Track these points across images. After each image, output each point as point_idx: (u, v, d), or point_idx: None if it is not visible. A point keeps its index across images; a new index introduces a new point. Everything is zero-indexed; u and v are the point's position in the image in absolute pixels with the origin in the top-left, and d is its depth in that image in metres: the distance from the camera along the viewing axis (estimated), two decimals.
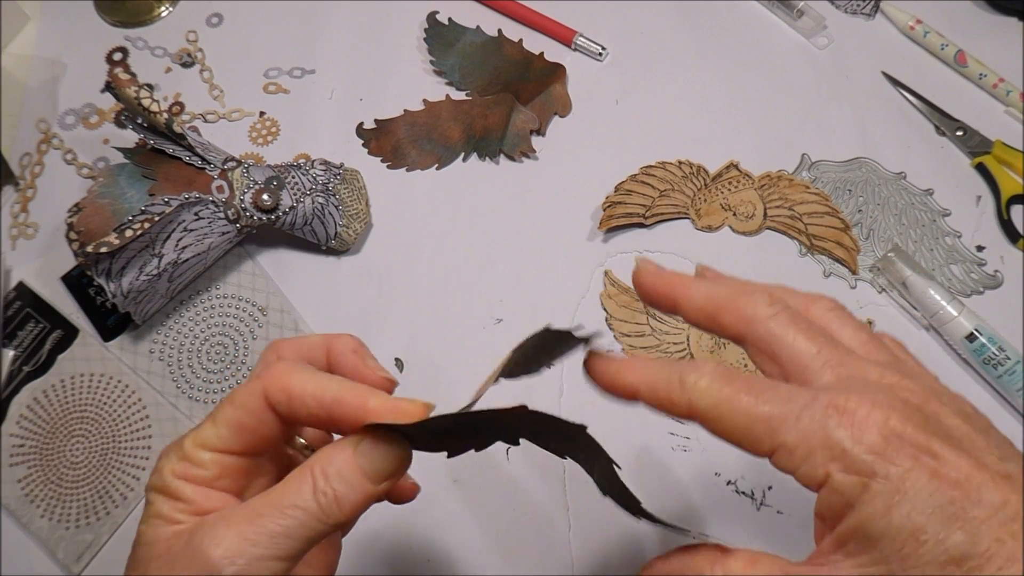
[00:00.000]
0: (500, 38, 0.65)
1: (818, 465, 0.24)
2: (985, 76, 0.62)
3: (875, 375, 0.26)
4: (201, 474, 0.28)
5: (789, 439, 0.25)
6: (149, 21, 0.67)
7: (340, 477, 0.26)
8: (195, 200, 0.52)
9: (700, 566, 0.27)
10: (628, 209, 0.58)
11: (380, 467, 0.27)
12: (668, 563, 0.29)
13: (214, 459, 0.28)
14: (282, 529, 0.26)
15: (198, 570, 0.25)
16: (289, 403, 0.27)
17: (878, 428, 0.24)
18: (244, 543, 0.25)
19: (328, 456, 0.27)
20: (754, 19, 0.66)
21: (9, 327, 0.56)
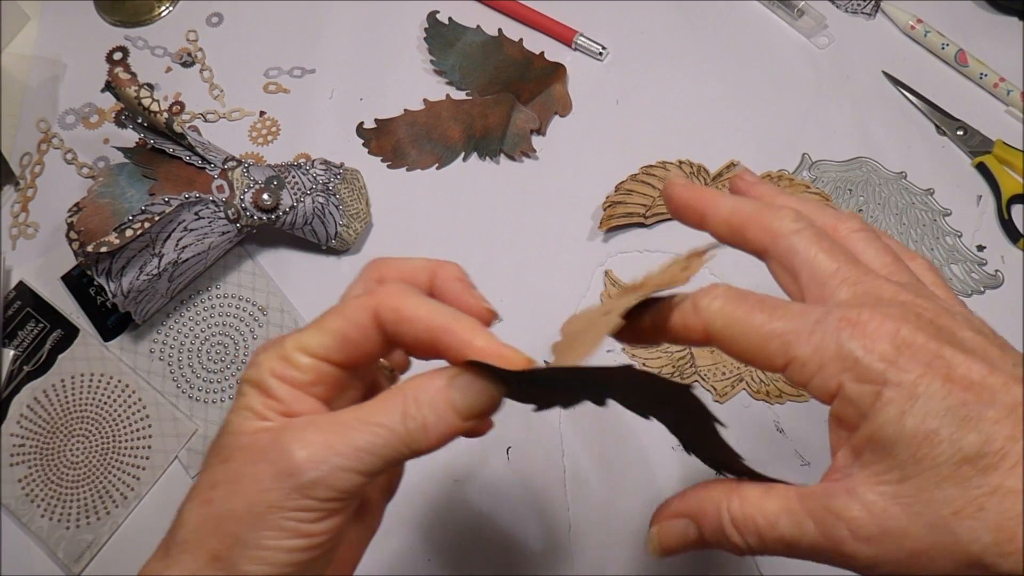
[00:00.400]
0: (500, 38, 0.65)
1: (830, 376, 0.25)
2: (986, 75, 0.62)
3: (890, 292, 0.26)
4: (297, 377, 0.28)
5: (801, 352, 0.25)
6: (149, 21, 0.67)
7: (431, 406, 0.27)
8: (195, 200, 0.52)
9: (716, 498, 0.27)
10: (628, 209, 0.58)
11: (471, 404, 0.27)
12: (684, 500, 0.29)
13: (312, 364, 0.28)
14: (367, 445, 0.26)
15: (281, 468, 0.26)
16: (398, 324, 0.27)
17: (889, 338, 0.24)
18: (329, 451, 0.26)
19: (421, 384, 0.27)
20: (754, 19, 0.66)
21: (9, 327, 0.56)
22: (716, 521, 0.27)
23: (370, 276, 0.31)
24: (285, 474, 0.26)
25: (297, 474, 0.26)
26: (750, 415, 0.52)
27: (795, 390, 0.52)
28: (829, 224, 0.30)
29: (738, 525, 0.27)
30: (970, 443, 0.23)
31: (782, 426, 0.51)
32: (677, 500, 0.29)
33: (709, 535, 0.28)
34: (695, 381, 0.53)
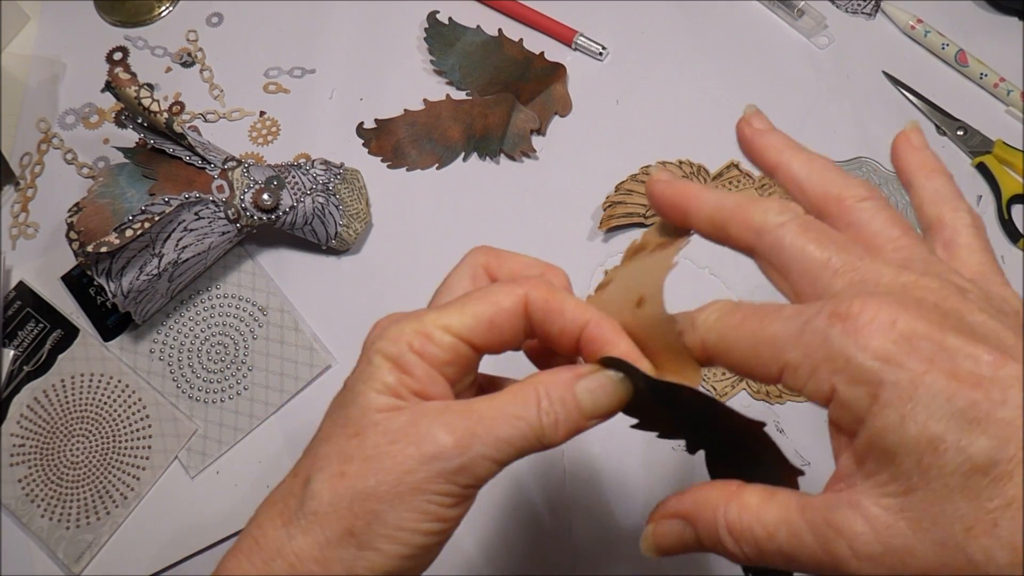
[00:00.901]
0: (500, 38, 0.65)
1: (823, 380, 0.22)
2: (986, 76, 0.62)
3: (889, 276, 0.24)
4: (437, 354, 0.27)
5: (792, 357, 0.23)
6: (149, 21, 0.67)
7: (562, 403, 0.27)
8: (195, 200, 0.52)
9: (714, 502, 0.26)
10: (628, 209, 0.58)
11: (598, 405, 0.28)
12: (682, 501, 0.27)
13: (453, 344, 0.28)
14: (506, 436, 0.27)
15: (427, 451, 0.26)
16: (547, 314, 0.28)
17: (884, 330, 0.22)
18: (473, 439, 0.26)
19: (553, 380, 0.27)
20: (754, 19, 0.66)
21: (9, 327, 0.56)
22: (712, 527, 0.26)
23: (476, 262, 0.31)
24: (431, 457, 0.26)
25: (444, 458, 0.26)
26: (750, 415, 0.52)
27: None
28: (833, 194, 0.27)
29: (735, 533, 0.25)
30: (980, 450, 0.20)
31: (782, 426, 0.51)
32: (674, 500, 0.28)
33: (705, 540, 0.27)
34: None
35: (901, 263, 0.24)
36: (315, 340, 0.55)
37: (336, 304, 0.56)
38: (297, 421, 0.53)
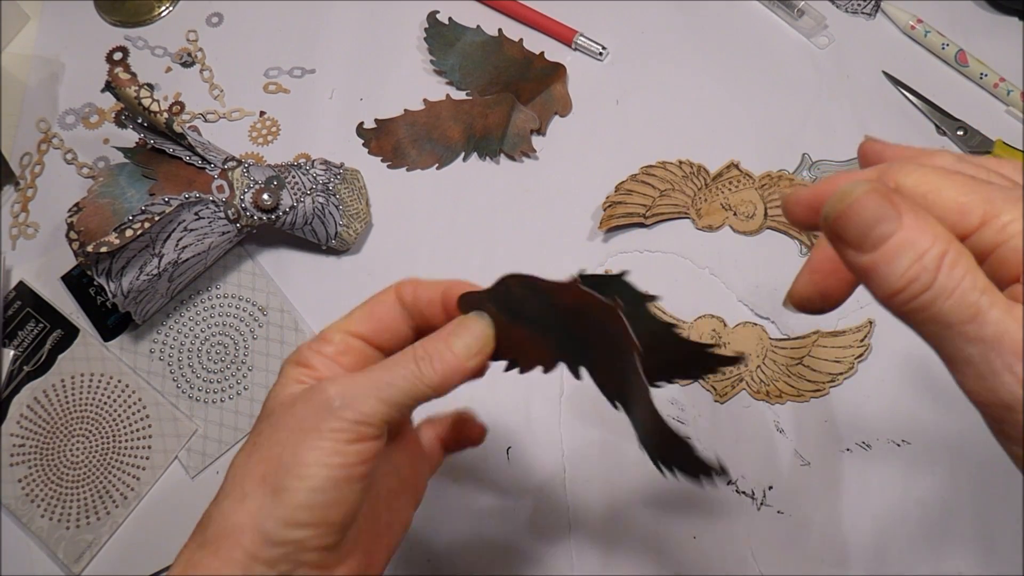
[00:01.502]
0: (500, 38, 0.65)
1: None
2: (986, 76, 0.62)
3: None
4: (328, 349, 0.34)
5: (1010, 213, 0.23)
6: (149, 21, 0.67)
7: (435, 349, 0.33)
8: (195, 200, 0.52)
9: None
10: (628, 209, 0.58)
11: (468, 343, 0.33)
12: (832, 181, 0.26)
13: (342, 338, 0.34)
14: (388, 379, 0.32)
15: (317, 402, 0.32)
16: (415, 293, 0.35)
17: None
18: (355, 386, 0.32)
19: (427, 338, 0.34)
20: (754, 19, 0.66)
21: (9, 327, 0.56)
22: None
23: (390, 290, 0.37)
24: (319, 405, 0.31)
25: (329, 403, 0.31)
26: (750, 415, 0.52)
27: (795, 390, 0.52)
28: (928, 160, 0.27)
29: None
30: None
31: (782, 426, 0.51)
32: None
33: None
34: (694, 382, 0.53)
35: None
36: None
37: (336, 304, 0.56)
38: None
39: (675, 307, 0.55)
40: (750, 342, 0.54)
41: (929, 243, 0.23)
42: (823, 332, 0.54)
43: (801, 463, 0.50)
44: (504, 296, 0.34)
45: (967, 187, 0.24)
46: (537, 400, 0.53)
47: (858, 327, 0.54)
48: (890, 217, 0.23)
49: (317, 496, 0.31)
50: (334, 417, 0.31)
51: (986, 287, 0.23)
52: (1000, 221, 0.23)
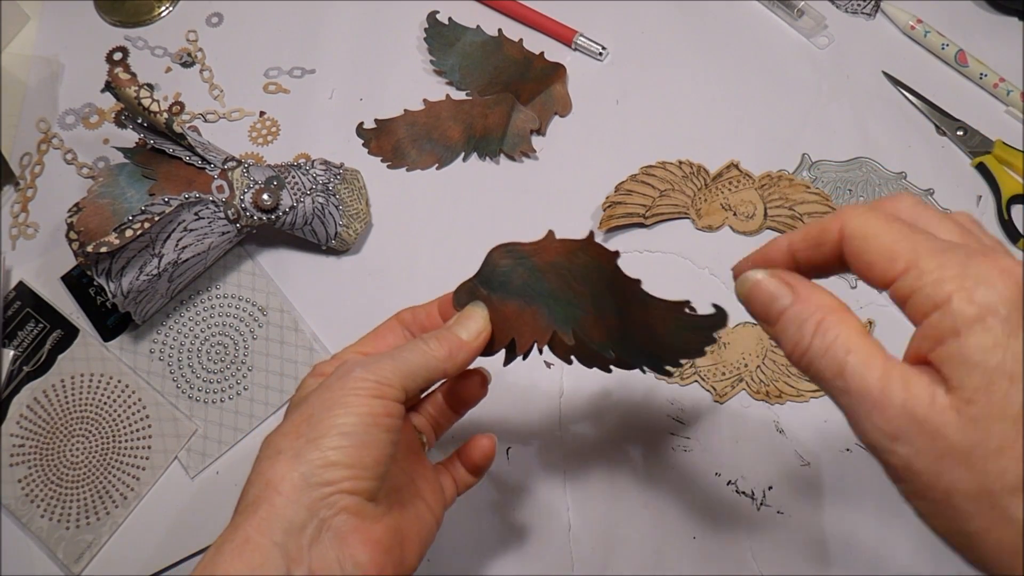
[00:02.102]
0: (500, 38, 0.65)
1: (943, 289, 0.25)
2: (986, 76, 0.62)
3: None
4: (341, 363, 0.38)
5: (927, 263, 0.26)
6: (149, 21, 0.67)
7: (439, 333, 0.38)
8: (195, 200, 0.52)
9: (821, 301, 0.29)
10: (628, 209, 0.58)
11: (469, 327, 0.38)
12: (790, 276, 0.30)
13: (353, 356, 0.39)
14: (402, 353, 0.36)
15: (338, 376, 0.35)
16: (414, 313, 0.41)
17: (1015, 279, 0.25)
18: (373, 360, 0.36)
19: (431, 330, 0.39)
20: (754, 19, 0.66)
21: (9, 327, 0.56)
22: (805, 317, 0.28)
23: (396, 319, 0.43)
24: (343, 374, 0.35)
25: (351, 370, 0.35)
26: (750, 415, 0.52)
27: (795, 390, 0.52)
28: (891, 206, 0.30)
29: (822, 335, 0.28)
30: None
31: (782, 426, 0.51)
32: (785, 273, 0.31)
33: (791, 318, 0.29)
34: (695, 381, 0.53)
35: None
36: (315, 340, 0.55)
37: (336, 304, 0.57)
38: None
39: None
40: (750, 342, 0.54)
41: (811, 313, 0.28)
42: None
43: (801, 463, 0.50)
44: (491, 273, 0.38)
45: (900, 235, 0.27)
46: (537, 400, 0.53)
47: None
48: (783, 295, 0.29)
49: (348, 438, 0.33)
50: (358, 378, 0.35)
51: (854, 347, 0.27)
52: (919, 270, 0.26)
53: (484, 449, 0.42)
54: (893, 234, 0.27)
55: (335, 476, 0.33)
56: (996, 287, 0.25)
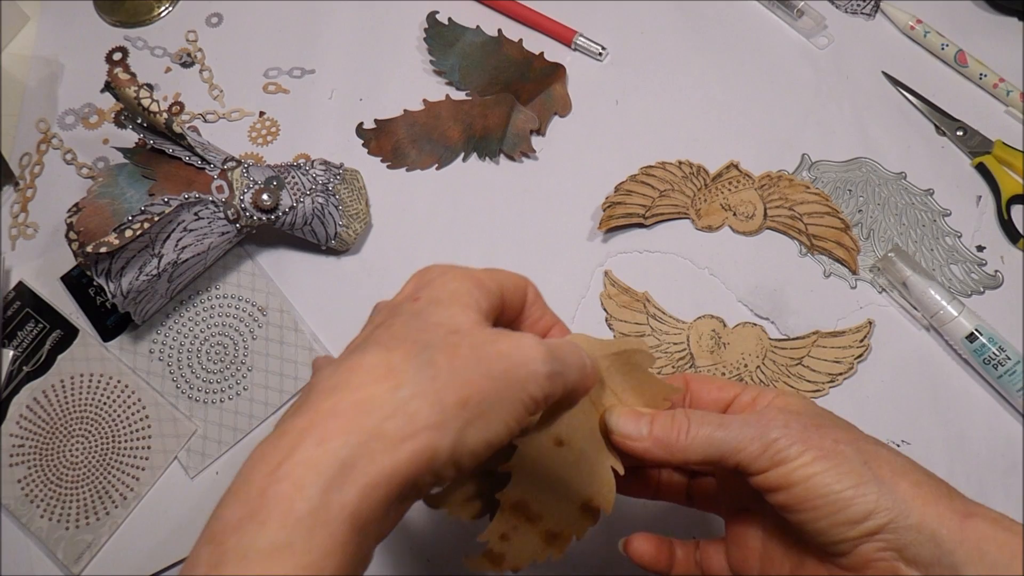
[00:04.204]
0: (500, 38, 0.65)
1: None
2: (985, 76, 0.62)
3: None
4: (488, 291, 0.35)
5: (747, 394, 0.38)
6: (149, 21, 0.67)
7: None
8: (195, 200, 0.52)
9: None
10: (628, 209, 0.58)
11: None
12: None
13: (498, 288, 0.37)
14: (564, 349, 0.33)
15: (519, 357, 0.30)
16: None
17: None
18: (559, 348, 0.33)
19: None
20: (754, 19, 0.66)
21: (9, 327, 0.56)
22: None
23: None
24: (523, 363, 0.30)
25: (534, 368, 0.30)
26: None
27: (795, 390, 0.52)
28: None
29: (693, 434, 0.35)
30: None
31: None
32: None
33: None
34: None
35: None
36: (315, 340, 0.55)
37: (336, 304, 0.56)
38: None
39: (675, 307, 0.55)
40: (750, 342, 0.54)
41: (646, 419, 0.35)
42: (823, 332, 0.54)
43: None
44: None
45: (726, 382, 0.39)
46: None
47: (857, 327, 0.54)
48: (642, 416, 0.36)
49: (490, 449, 0.29)
50: (535, 384, 0.30)
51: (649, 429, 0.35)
52: (741, 398, 0.38)
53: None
54: (721, 380, 0.40)
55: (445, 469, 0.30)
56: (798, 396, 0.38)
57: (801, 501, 0.33)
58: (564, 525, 0.36)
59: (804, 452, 0.33)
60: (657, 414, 0.35)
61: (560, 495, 0.36)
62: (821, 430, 0.34)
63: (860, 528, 0.32)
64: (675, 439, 0.34)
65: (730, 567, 0.39)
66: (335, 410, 0.27)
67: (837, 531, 0.32)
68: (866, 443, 0.34)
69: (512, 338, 0.30)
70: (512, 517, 0.36)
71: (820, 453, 0.33)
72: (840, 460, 0.33)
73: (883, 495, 0.32)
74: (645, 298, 0.55)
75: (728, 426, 0.34)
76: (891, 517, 0.32)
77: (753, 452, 0.33)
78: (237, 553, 0.24)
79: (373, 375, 0.28)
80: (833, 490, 0.32)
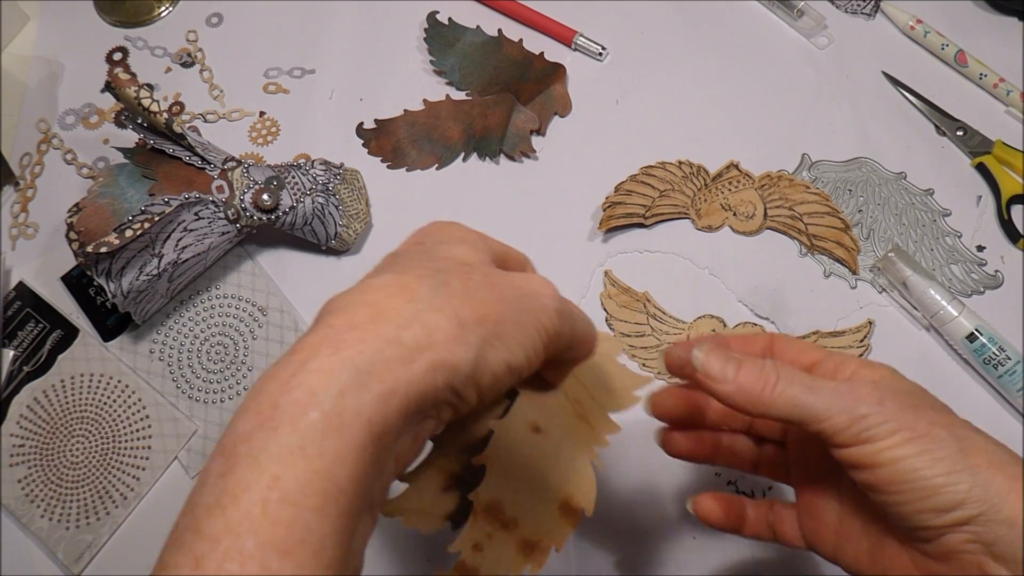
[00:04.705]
0: (500, 38, 0.65)
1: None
2: (985, 76, 0.62)
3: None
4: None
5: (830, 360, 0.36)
6: (149, 21, 0.67)
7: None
8: (195, 200, 0.52)
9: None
10: (628, 209, 0.58)
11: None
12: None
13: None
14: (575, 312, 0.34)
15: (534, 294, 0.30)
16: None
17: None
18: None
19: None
20: (754, 19, 0.66)
21: (9, 327, 0.56)
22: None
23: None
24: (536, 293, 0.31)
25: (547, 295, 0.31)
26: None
27: None
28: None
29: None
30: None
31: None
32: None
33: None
34: None
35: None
36: None
37: None
38: None
39: (675, 307, 0.55)
40: None
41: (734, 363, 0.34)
42: (823, 332, 0.54)
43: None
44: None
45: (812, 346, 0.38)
46: None
47: (858, 327, 0.54)
48: (731, 358, 0.34)
49: (512, 374, 0.29)
50: (544, 316, 0.30)
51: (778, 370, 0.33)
52: (824, 364, 0.36)
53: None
54: (807, 343, 0.39)
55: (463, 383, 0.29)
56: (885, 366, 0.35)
57: (887, 483, 0.31)
58: (542, 532, 0.34)
59: (895, 432, 0.31)
60: (746, 360, 0.33)
61: (537, 493, 0.34)
62: (917, 410, 0.32)
63: (948, 517, 0.30)
64: (760, 391, 0.32)
65: (803, 537, 0.37)
66: (351, 323, 0.27)
67: (923, 517, 0.31)
68: (963, 428, 0.32)
69: (522, 275, 0.31)
70: (486, 523, 0.34)
71: (912, 435, 0.31)
72: (934, 444, 0.31)
73: (976, 485, 0.30)
74: (645, 298, 0.55)
75: (818, 391, 0.32)
76: (982, 509, 0.30)
77: (839, 424, 0.31)
78: (248, 459, 0.24)
79: (387, 291, 0.27)
80: (923, 476, 0.30)
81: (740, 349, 0.37)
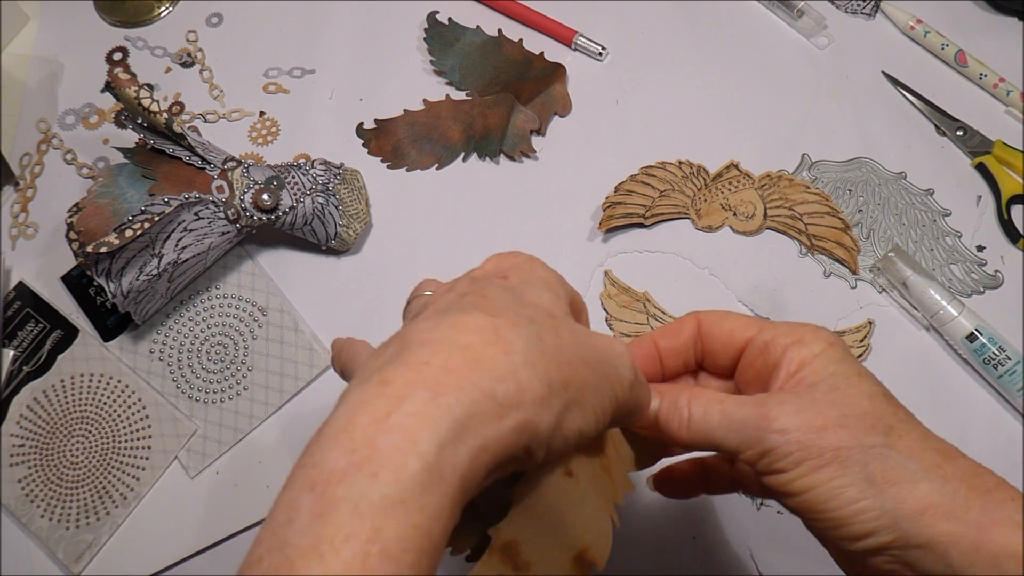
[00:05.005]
0: (500, 38, 0.65)
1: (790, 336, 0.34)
2: (985, 76, 0.62)
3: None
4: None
5: (766, 332, 0.35)
6: (149, 21, 0.67)
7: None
8: (195, 200, 0.52)
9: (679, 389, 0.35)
10: (628, 209, 0.58)
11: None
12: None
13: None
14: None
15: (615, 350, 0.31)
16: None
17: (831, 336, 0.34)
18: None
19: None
20: (754, 19, 0.66)
21: (9, 327, 0.56)
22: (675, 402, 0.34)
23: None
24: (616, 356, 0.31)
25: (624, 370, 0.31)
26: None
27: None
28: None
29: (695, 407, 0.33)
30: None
31: None
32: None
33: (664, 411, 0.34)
34: None
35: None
36: (315, 340, 0.55)
37: (336, 304, 0.56)
38: (297, 422, 0.53)
39: (675, 307, 0.55)
40: None
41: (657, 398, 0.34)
42: None
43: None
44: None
45: (744, 317, 0.37)
46: None
47: (858, 327, 0.54)
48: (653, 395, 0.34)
49: (582, 437, 0.28)
50: (622, 388, 0.30)
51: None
52: (757, 339, 0.35)
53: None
54: (739, 316, 0.36)
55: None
56: (821, 334, 0.33)
57: (805, 511, 0.31)
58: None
59: (801, 463, 0.31)
60: (666, 394, 0.33)
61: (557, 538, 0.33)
62: (825, 431, 0.31)
63: (863, 544, 0.30)
64: (676, 428, 0.33)
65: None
66: (448, 366, 0.25)
67: (843, 543, 0.31)
68: (882, 436, 0.31)
69: (603, 336, 0.30)
70: (500, 562, 0.32)
71: (819, 463, 0.30)
72: (839, 472, 0.30)
73: (884, 514, 0.30)
74: (645, 298, 0.55)
75: (729, 421, 0.32)
76: (894, 537, 0.30)
77: (751, 457, 0.32)
78: (347, 504, 0.23)
79: (482, 336, 0.26)
80: (830, 507, 0.30)
81: (667, 340, 0.37)
